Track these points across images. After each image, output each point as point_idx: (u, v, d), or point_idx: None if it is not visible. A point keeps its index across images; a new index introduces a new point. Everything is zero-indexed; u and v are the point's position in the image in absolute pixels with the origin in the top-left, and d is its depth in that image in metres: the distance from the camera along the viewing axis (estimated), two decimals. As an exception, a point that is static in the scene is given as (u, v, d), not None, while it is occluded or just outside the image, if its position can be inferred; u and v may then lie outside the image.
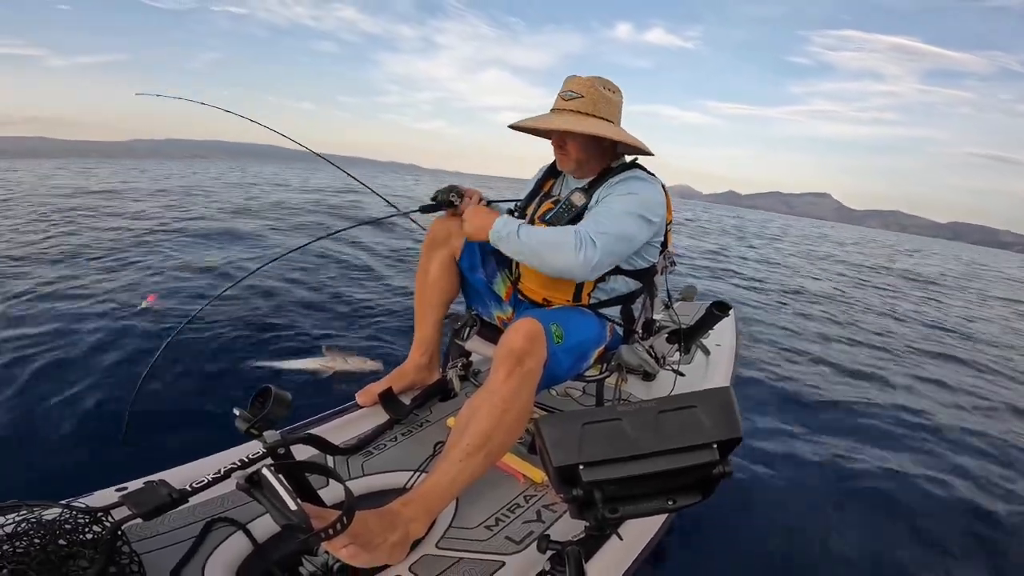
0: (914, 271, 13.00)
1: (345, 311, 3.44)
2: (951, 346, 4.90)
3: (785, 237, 18.85)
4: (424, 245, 1.63)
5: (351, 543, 0.92)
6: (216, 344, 2.71)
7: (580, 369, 1.44)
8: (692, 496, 0.83)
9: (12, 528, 0.83)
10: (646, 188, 1.39)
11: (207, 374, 2.42)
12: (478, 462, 1.11)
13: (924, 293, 8.98)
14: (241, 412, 1.16)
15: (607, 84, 1.41)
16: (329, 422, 1.54)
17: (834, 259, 12.95)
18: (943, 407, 3.06)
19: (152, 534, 1.06)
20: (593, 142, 1.42)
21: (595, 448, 0.79)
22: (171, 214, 7.07)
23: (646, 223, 1.37)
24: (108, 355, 2.50)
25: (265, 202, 9.32)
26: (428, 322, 1.67)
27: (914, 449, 2.43)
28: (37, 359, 2.40)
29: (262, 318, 3.15)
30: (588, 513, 0.83)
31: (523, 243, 1.30)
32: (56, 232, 5.28)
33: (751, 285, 6.66)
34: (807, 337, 4.31)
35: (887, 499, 2.00)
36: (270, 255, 4.60)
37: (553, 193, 1.60)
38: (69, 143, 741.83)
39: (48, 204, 7.28)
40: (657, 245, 1.49)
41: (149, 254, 4.62)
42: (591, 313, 1.49)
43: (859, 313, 5.85)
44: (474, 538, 1.14)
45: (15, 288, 3.38)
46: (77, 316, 2.94)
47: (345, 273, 4.43)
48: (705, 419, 0.80)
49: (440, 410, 1.68)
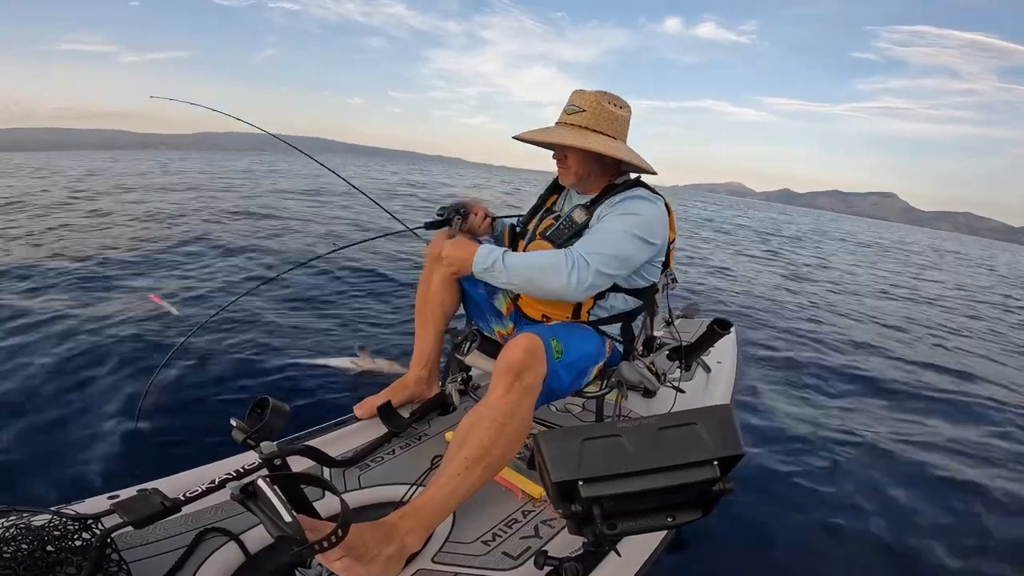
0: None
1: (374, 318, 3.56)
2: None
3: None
4: (426, 259, 1.64)
5: (345, 556, 0.91)
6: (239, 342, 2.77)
7: (580, 385, 1.43)
8: (692, 513, 0.82)
9: (0, 533, 0.82)
10: (647, 208, 1.38)
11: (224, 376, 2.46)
12: (476, 476, 1.10)
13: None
14: (238, 422, 1.15)
15: (613, 100, 1.40)
16: (327, 434, 1.53)
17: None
18: (969, 438, 2.92)
19: (143, 542, 1.05)
20: (594, 158, 1.41)
21: (594, 464, 0.78)
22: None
23: (645, 244, 1.35)
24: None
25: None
26: (428, 336, 1.66)
27: (926, 480, 2.38)
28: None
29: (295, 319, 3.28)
30: (587, 529, 0.82)
31: (511, 272, 1.28)
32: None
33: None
34: (807, 346, 4.28)
35: (891, 522, 1.97)
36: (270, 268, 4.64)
37: (555, 209, 1.60)
38: (144, 136, 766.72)
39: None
40: (658, 265, 1.48)
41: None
42: (591, 329, 1.48)
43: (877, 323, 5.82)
44: (471, 553, 1.12)
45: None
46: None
47: (364, 284, 4.52)
48: (705, 436, 0.79)
49: (439, 424, 1.67)
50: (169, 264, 4.51)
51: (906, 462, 2.46)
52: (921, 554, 1.81)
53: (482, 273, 1.33)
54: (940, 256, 21.26)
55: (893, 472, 2.35)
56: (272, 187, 12.01)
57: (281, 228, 6.71)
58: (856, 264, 11.98)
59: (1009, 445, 2.82)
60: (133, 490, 1.09)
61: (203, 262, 4.64)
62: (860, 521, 1.95)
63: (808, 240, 17.39)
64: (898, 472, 2.35)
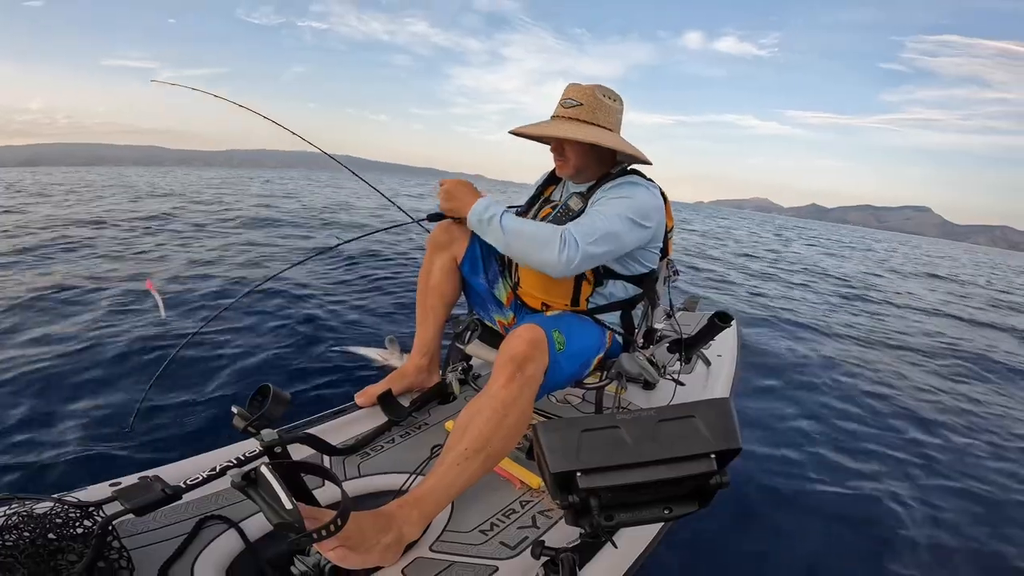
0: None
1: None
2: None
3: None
4: (427, 248, 1.64)
5: (340, 545, 0.91)
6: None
7: (580, 376, 1.43)
8: (689, 505, 0.82)
9: (2, 521, 0.83)
10: (641, 192, 1.39)
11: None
12: (476, 466, 1.10)
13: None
14: (239, 410, 1.16)
15: (607, 92, 1.42)
16: (327, 422, 1.54)
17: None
18: (973, 436, 2.89)
19: (144, 530, 1.06)
20: (591, 150, 1.43)
21: (593, 455, 0.78)
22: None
23: (637, 226, 1.35)
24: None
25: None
26: (429, 325, 1.66)
27: (928, 474, 2.38)
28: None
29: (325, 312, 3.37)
30: (584, 520, 0.82)
31: (507, 233, 1.28)
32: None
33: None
34: (810, 341, 4.29)
35: (890, 517, 1.98)
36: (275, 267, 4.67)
37: (553, 198, 1.61)
38: (180, 152, 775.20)
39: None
40: (655, 251, 1.49)
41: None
42: (591, 320, 1.49)
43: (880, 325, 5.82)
44: (468, 542, 1.13)
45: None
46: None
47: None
48: (704, 429, 0.79)
49: (439, 413, 1.67)
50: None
51: (909, 459, 2.47)
52: (922, 549, 1.81)
53: (476, 224, 1.33)
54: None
55: (895, 468, 2.35)
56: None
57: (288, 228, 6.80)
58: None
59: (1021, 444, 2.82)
60: (134, 477, 1.09)
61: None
62: (860, 516, 1.95)
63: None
64: (900, 469, 2.36)
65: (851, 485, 2.15)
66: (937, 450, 2.61)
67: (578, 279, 1.46)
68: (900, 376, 3.73)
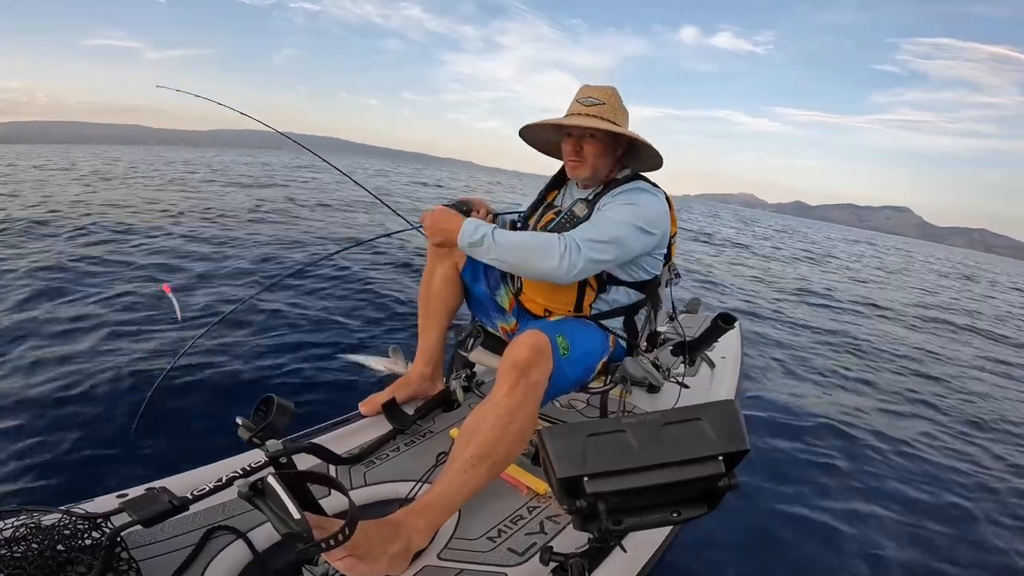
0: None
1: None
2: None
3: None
4: (428, 256, 1.64)
5: (349, 555, 0.91)
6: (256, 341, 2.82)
7: (585, 381, 1.43)
8: (698, 508, 0.82)
9: (11, 533, 0.83)
10: (648, 199, 1.39)
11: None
12: (482, 473, 1.10)
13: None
14: (244, 421, 1.16)
15: (620, 96, 1.44)
16: (332, 431, 1.54)
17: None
18: (984, 443, 2.88)
19: (152, 541, 1.05)
20: (609, 151, 1.43)
21: (599, 460, 0.78)
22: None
23: (642, 233, 1.35)
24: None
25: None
26: (432, 332, 1.66)
27: (935, 476, 2.36)
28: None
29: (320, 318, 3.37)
30: (592, 525, 0.82)
31: (501, 248, 1.26)
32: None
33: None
34: (813, 351, 4.28)
35: (900, 518, 1.96)
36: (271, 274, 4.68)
37: (556, 204, 1.60)
38: (163, 131, 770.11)
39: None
40: (659, 257, 1.48)
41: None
42: (594, 324, 1.49)
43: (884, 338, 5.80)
44: (476, 549, 1.13)
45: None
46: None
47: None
48: (710, 431, 0.79)
49: (443, 421, 1.67)
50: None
51: (916, 458, 2.46)
52: (930, 550, 1.80)
53: (468, 247, 1.30)
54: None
55: (903, 469, 2.34)
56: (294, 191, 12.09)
57: (290, 229, 6.76)
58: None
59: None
60: (141, 489, 1.09)
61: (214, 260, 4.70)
62: (869, 517, 1.94)
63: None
64: (907, 469, 2.35)
65: (866, 486, 2.14)
66: (947, 448, 2.61)
67: (582, 285, 1.45)
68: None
